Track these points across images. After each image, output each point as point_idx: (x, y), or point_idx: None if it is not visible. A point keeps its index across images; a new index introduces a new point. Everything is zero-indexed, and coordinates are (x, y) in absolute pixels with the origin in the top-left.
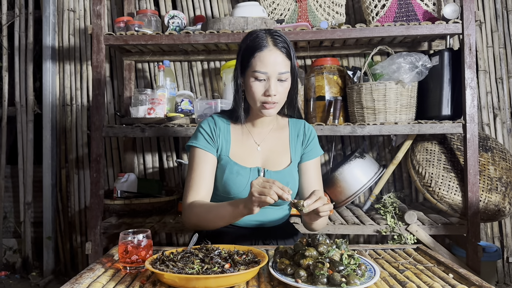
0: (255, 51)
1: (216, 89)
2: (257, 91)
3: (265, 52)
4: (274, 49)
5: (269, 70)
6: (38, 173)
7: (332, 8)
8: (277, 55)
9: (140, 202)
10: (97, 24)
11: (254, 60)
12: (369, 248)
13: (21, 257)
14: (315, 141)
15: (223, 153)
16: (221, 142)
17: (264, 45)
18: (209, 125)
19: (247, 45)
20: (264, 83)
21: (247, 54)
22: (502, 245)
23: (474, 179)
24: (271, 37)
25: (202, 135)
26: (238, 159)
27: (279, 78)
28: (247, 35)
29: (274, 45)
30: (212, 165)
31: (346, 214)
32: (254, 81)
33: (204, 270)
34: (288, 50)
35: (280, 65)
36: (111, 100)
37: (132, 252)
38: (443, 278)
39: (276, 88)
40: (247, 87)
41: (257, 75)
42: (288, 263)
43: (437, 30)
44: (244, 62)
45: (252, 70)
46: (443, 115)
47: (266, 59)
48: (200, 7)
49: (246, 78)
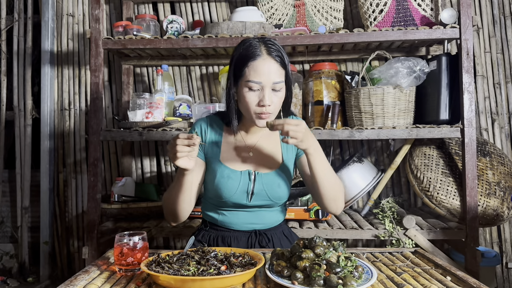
0: (248, 60)
1: (215, 94)
2: (250, 101)
3: (258, 61)
4: (268, 58)
5: (263, 80)
6: (35, 177)
7: (330, 13)
8: (271, 64)
9: (137, 206)
10: (96, 28)
11: (248, 69)
12: (367, 251)
13: (17, 262)
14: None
15: (213, 157)
16: (211, 145)
17: (257, 54)
18: (201, 128)
19: (240, 53)
20: (258, 93)
21: (240, 63)
22: (501, 251)
23: (473, 184)
24: (265, 46)
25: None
26: (229, 162)
27: (273, 88)
28: (239, 43)
29: (268, 53)
30: (199, 168)
31: (344, 219)
32: (248, 91)
33: (200, 272)
34: (282, 58)
35: (274, 75)
36: (109, 104)
37: (128, 254)
38: (441, 280)
39: (271, 98)
40: (241, 97)
41: (250, 85)
42: (284, 265)
43: (435, 34)
44: (237, 72)
45: (245, 80)
46: (441, 120)
47: (260, 69)
48: (198, 12)
49: (239, 88)
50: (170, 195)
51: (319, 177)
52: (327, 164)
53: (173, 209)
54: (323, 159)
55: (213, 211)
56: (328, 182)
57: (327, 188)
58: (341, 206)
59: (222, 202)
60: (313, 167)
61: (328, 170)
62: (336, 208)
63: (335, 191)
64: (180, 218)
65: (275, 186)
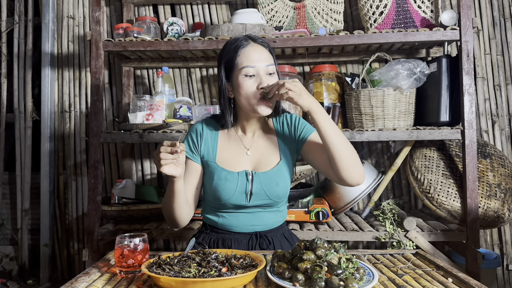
0: (238, 49)
1: (215, 96)
2: (249, 87)
3: (248, 48)
4: (256, 45)
5: (256, 64)
6: (35, 179)
7: (330, 15)
8: (260, 49)
9: (137, 208)
10: (96, 30)
11: (240, 57)
12: (368, 253)
13: (17, 265)
14: (302, 122)
15: (210, 159)
16: (207, 148)
17: (245, 43)
18: (196, 131)
19: (228, 49)
20: (254, 78)
21: (231, 57)
22: (502, 253)
23: (473, 185)
24: (250, 37)
25: (188, 143)
26: (225, 164)
27: (267, 71)
28: (225, 44)
29: (254, 41)
30: (195, 172)
31: (345, 221)
32: (244, 78)
33: (201, 274)
34: (269, 46)
35: (265, 59)
36: (109, 106)
37: (129, 256)
38: (442, 282)
39: (268, 81)
40: (238, 87)
41: (246, 70)
42: (285, 267)
43: (435, 36)
44: (228, 66)
45: (239, 68)
46: (441, 122)
47: (251, 54)
48: (199, 15)
49: (235, 80)
50: (165, 203)
51: (332, 138)
52: (335, 125)
53: (171, 215)
54: (330, 119)
55: (213, 213)
56: (342, 143)
57: (343, 150)
58: (361, 171)
59: (221, 205)
60: (323, 127)
61: (338, 130)
62: (358, 174)
63: (350, 153)
64: (180, 223)
65: (274, 185)
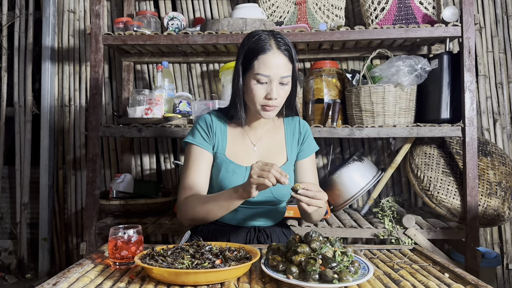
0: (259, 54)
1: (215, 91)
2: (258, 94)
3: (268, 55)
4: (278, 52)
5: (272, 73)
6: (35, 174)
7: (331, 11)
8: (280, 58)
9: (136, 203)
10: (96, 24)
11: (257, 62)
12: (365, 248)
13: (16, 258)
14: (310, 138)
15: (219, 151)
16: (217, 140)
17: (267, 48)
18: (206, 122)
19: (249, 46)
20: (266, 86)
21: (250, 56)
22: (502, 252)
23: (473, 183)
24: (274, 40)
25: (198, 132)
26: (234, 158)
27: (281, 81)
28: (248, 35)
29: (277, 48)
30: (208, 162)
31: (344, 218)
32: (256, 84)
33: (194, 266)
34: (290, 53)
35: (283, 69)
36: (109, 101)
37: (122, 247)
38: (439, 277)
39: (278, 91)
40: (248, 89)
41: (259, 77)
42: (280, 260)
43: (436, 32)
44: (246, 64)
45: (254, 73)
46: (442, 119)
47: (269, 62)
48: (199, 9)
49: (247, 80)
50: (209, 210)
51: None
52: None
53: (206, 220)
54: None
55: None
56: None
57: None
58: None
59: None
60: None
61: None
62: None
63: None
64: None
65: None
